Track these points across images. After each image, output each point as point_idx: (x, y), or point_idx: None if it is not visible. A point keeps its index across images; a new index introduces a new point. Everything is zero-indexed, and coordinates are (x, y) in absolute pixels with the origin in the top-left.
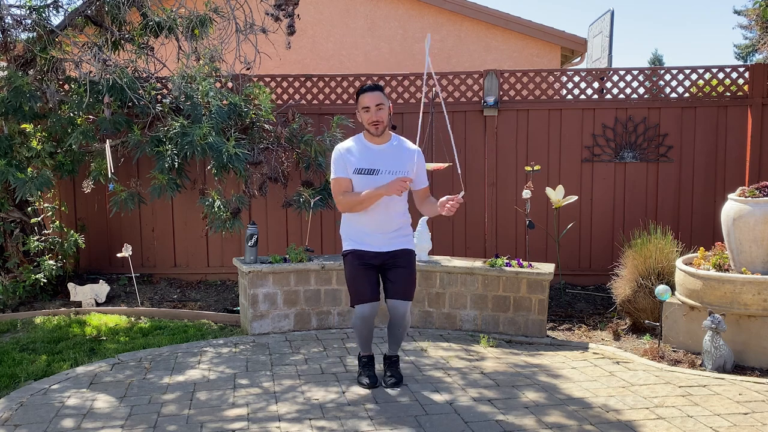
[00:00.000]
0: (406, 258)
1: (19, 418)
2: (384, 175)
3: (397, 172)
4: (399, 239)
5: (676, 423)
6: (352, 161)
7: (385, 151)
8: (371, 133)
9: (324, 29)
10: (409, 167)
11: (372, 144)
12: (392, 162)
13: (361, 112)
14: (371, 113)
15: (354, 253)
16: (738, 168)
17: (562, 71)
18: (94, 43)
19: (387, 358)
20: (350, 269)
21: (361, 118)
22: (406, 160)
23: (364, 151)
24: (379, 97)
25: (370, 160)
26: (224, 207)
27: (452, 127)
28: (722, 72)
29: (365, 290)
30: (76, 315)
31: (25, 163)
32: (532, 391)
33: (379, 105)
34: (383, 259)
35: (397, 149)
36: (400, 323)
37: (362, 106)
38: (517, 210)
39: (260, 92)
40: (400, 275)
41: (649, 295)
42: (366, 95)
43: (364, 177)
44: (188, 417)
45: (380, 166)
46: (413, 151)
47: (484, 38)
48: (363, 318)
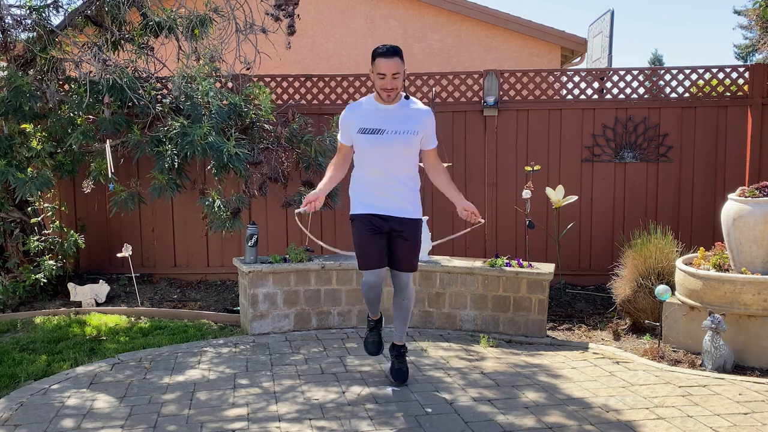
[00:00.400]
0: (413, 230)
1: (19, 418)
2: (390, 135)
3: (403, 131)
4: (407, 205)
5: (676, 423)
6: (357, 121)
7: (394, 111)
8: (382, 98)
9: (324, 29)
10: (418, 127)
11: (381, 104)
12: (399, 122)
13: (375, 76)
14: (386, 80)
15: (362, 218)
16: (738, 168)
17: (562, 71)
18: (94, 43)
19: (394, 347)
20: (358, 234)
21: (373, 79)
22: (415, 121)
23: (372, 111)
24: (397, 65)
25: (376, 120)
26: (224, 207)
27: (452, 127)
28: (722, 72)
29: (372, 257)
30: (76, 315)
31: (25, 163)
32: (532, 391)
33: (395, 74)
34: (391, 225)
35: (407, 109)
36: (404, 292)
37: (378, 71)
38: (517, 210)
39: (260, 92)
40: (406, 247)
41: (649, 295)
42: (383, 61)
43: (368, 137)
44: (188, 417)
45: (386, 126)
46: (423, 111)
47: (484, 38)
48: (369, 285)
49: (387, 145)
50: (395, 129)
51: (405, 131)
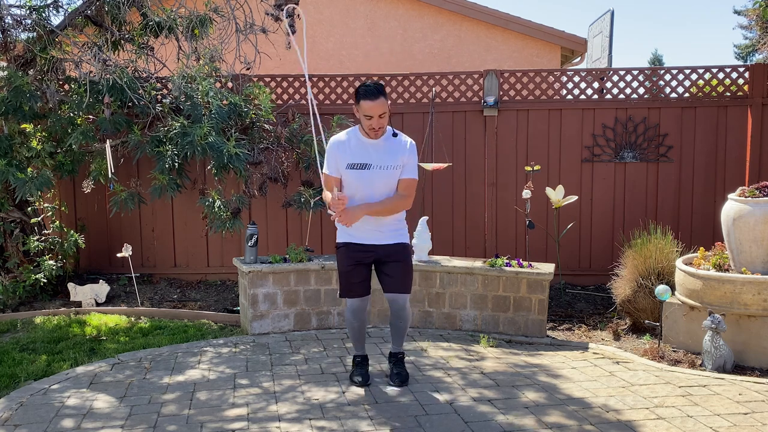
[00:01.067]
0: (401, 252)
1: (19, 418)
2: (375, 170)
3: (388, 166)
4: (393, 233)
5: (676, 423)
6: (344, 157)
7: (379, 145)
8: (369, 137)
9: (324, 29)
10: (400, 161)
11: (366, 139)
12: (384, 156)
13: (362, 117)
14: (373, 121)
15: (348, 247)
16: (738, 168)
17: (562, 71)
18: (94, 43)
19: (392, 355)
20: (342, 264)
21: (359, 118)
22: (399, 154)
23: (358, 146)
24: (383, 106)
25: (362, 154)
26: (224, 207)
27: (452, 127)
28: (722, 72)
29: (356, 287)
30: (76, 315)
31: (25, 163)
32: (532, 391)
33: (381, 114)
34: (378, 254)
35: (391, 143)
36: (401, 315)
37: (364, 113)
38: (517, 210)
39: (260, 92)
40: (397, 269)
41: (649, 295)
42: (368, 103)
43: (356, 172)
44: (188, 417)
45: (372, 161)
46: (407, 146)
47: (484, 38)
48: (353, 310)
49: (372, 179)
50: (380, 164)
51: (389, 166)
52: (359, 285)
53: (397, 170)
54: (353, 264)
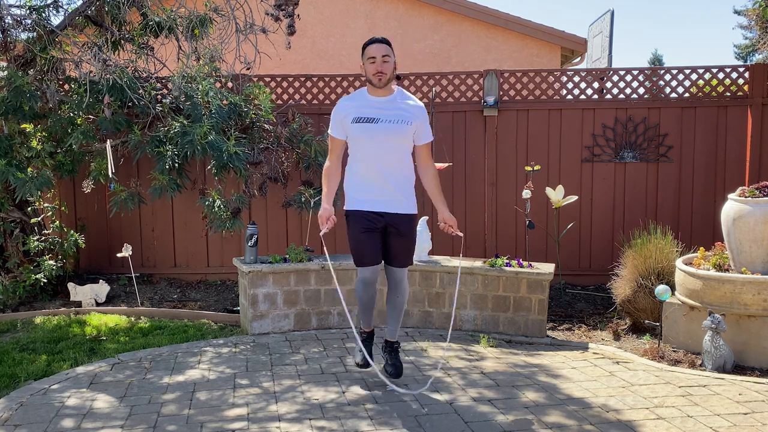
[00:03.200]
0: (408, 226)
1: (19, 418)
2: (384, 124)
3: (398, 120)
4: (401, 201)
5: (676, 423)
6: (350, 113)
7: (387, 101)
8: (374, 84)
9: (324, 29)
10: (411, 118)
11: (373, 96)
12: (393, 111)
13: (366, 62)
14: (377, 63)
15: (357, 215)
16: (738, 168)
17: (562, 71)
18: (94, 43)
19: (387, 344)
20: (353, 232)
21: (365, 71)
22: (408, 111)
23: (366, 102)
24: (386, 49)
25: (370, 109)
26: (224, 207)
27: (452, 127)
28: (722, 72)
29: (367, 253)
30: (76, 315)
31: (25, 163)
32: (532, 391)
33: (384, 56)
34: (385, 221)
35: (400, 101)
36: (399, 288)
37: (368, 56)
38: (517, 210)
39: (260, 92)
40: (401, 244)
41: (649, 295)
42: (373, 45)
43: (363, 125)
44: (188, 417)
45: (380, 115)
46: (416, 106)
47: (484, 38)
48: (365, 281)
49: (381, 133)
50: (389, 118)
51: (398, 120)
52: (372, 250)
53: (408, 126)
54: (364, 230)
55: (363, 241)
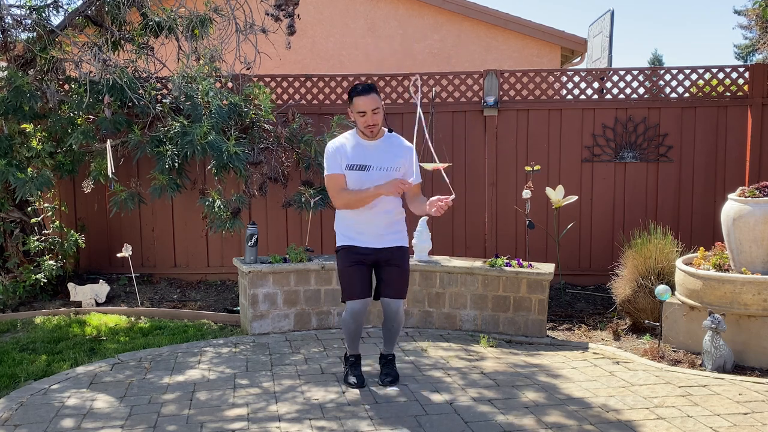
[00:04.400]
0: (399, 256)
1: (19, 418)
2: (375, 172)
3: (388, 168)
4: (393, 236)
5: (676, 423)
6: (344, 159)
7: (377, 147)
8: (366, 135)
9: (324, 29)
10: (401, 163)
11: (364, 141)
12: (383, 158)
13: (356, 115)
14: (367, 117)
15: (347, 249)
16: (738, 168)
17: (562, 71)
18: (94, 43)
19: (382, 357)
20: (342, 266)
21: (354, 119)
22: (398, 157)
23: (357, 148)
24: (376, 101)
25: (361, 156)
26: (224, 207)
27: (452, 127)
28: (722, 72)
29: (356, 288)
30: (76, 315)
31: (25, 163)
32: (532, 391)
33: (375, 109)
34: (377, 256)
35: (389, 145)
36: (394, 318)
37: (357, 110)
38: (517, 210)
39: (260, 92)
40: (394, 274)
41: (649, 295)
42: (361, 99)
43: (355, 173)
44: (188, 417)
45: (371, 162)
46: (405, 148)
47: (484, 38)
48: (353, 313)
49: (372, 180)
50: (380, 165)
51: (389, 168)
52: (360, 286)
53: (397, 172)
54: (353, 263)
55: (351, 274)
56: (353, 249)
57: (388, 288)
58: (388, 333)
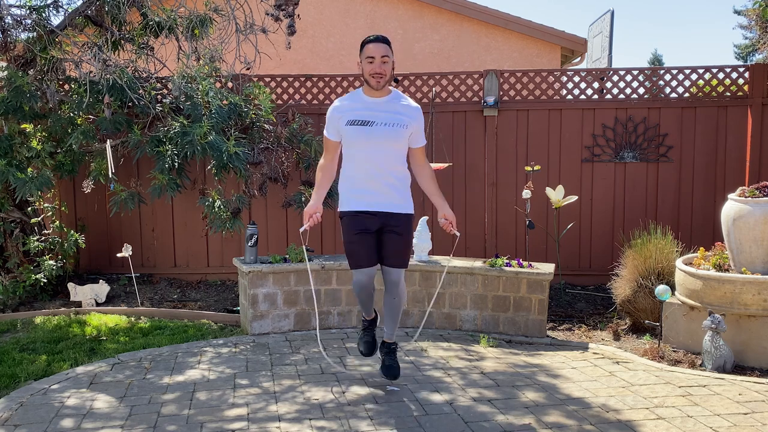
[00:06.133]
0: (404, 224)
1: (19, 418)
2: (379, 127)
3: (393, 124)
4: (396, 199)
5: (676, 423)
6: (344, 115)
7: (384, 104)
8: (371, 85)
9: (324, 29)
10: (407, 121)
11: (369, 97)
12: (388, 114)
13: (364, 62)
14: (375, 64)
15: (351, 216)
16: (738, 168)
17: (562, 71)
18: (94, 43)
19: (384, 345)
20: (347, 234)
21: (362, 69)
22: (405, 114)
23: (361, 104)
24: (386, 49)
25: (365, 111)
26: (224, 207)
27: (452, 127)
28: (722, 72)
29: (362, 256)
30: (76, 315)
31: (25, 163)
32: (532, 391)
33: (384, 57)
34: (380, 221)
35: (396, 103)
36: (395, 290)
37: (366, 55)
38: (517, 210)
39: (260, 92)
40: (397, 242)
41: (649, 295)
42: (372, 44)
43: (357, 128)
44: (188, 417)
45: (375, 118)
46: (413, 107)
47: (484, 38)
48: (360, 285)
49: (376, 137)
50: (384, 121)
51: (394, 123)
52: (366, 252)
53: (405, 129)
54: (358, 231)
55: (356, 242)
56: (357, 216)
57: (391, 256)
58: (390, 308)
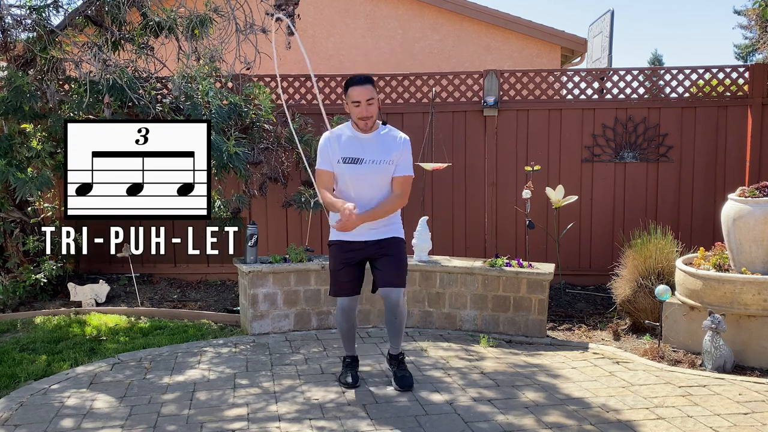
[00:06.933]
0: (393, 246)
1: (19, 418)
2: (368, 165)
3: (381, 161)
4: (385, 228)
5: (676, 423)
6: (337, 152)
7: (372, 140)
8: (360, 128)
9: (324, 29)
10: (394, 156)
11: (359, 133)
12: (377, 151)
13: (350, 105)
14: (361, 108)
15: (339, 245)
16: (738, 168)
17: (562, 71)
18: (94, 43)
19: (392, 358)
20: (334, 262)
21: (349, 110)
22: (392, 149)
23: (351, 140)
24: (370, 92)
25: (355, 149)
26: (224, 207)
27: (452, 127)
28: (722, 72)
29: (346, 285)
30: (76, 315)
31: (25, 163)
32: (532, 391)
33: (369, 100)
34: (370, 250)
35: (384, 138)
36: (395, 311)
37: (352, 100)
38: (517, 210)
39: (260, 92)
40: (389, 262)
41: (649, 295)
42: (356, 89)
43: (348, 166)
44: (188, 417)
45: (365, 155)
46: (400, 139)
47: (484, 38)
48: (343, 310)
49: (364, 174)
50: (372, 158)
51: (381, 161)
52: (348, 284)
53: (390, 165)
54: (343, 263)
55: (340, 271)
56: (345, 246)
57: (385, 276)
58: (392, 327)
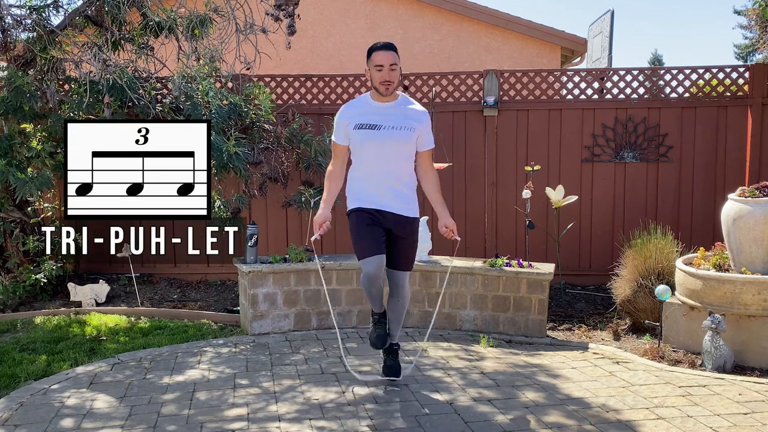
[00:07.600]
0: (410, 228)
1: (19, 418)
2: (387, 131)
3: (400, 127)
4: (404, 204)
5: (676, 423)
6: (353, 120)
7: (391, 108)
8: (380, 92)
9: (324, 29)
10: (414, 125)
11: (377, 102)
12: (396, 118)
13: (373, 70)
14: (384, 72)
15: (358, 212)
16: (738, 168)
17: (562, 71)
18: (94, 43)
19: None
20: (355, 226)
21: (370, 77)
22: (412, 118)
23: (369, 108)
24: (393, 57)
25: (373, 116)
26: (224, 207)
27: (452, 127)
28: (722, 72)
29: (370, 245)
30: (76, 315)
31: (25, 163)
32: (532, 391)
33: (392, 65)
34: (389, 222)
35: (404, 107)
36: (400, 292)
37: (375, 63)
38: (517, 210)
39: (260, 92)
40: (404, 246)
41: (649, 295)
42: (380, 53)
43: (365, 132)
44: (188, 417)
45: (383, 122)
46: (420, 111)
47: (484, 38)
48: (369, 276)
49: (383, 140)
50: (392, 125)
51: (401, 127)
52: (375, 242)
53: (411, 132)
54: (365, 223)
55: (365, 232)
56: (365, 211)
57: (398, 260)
58: (395, 310)
